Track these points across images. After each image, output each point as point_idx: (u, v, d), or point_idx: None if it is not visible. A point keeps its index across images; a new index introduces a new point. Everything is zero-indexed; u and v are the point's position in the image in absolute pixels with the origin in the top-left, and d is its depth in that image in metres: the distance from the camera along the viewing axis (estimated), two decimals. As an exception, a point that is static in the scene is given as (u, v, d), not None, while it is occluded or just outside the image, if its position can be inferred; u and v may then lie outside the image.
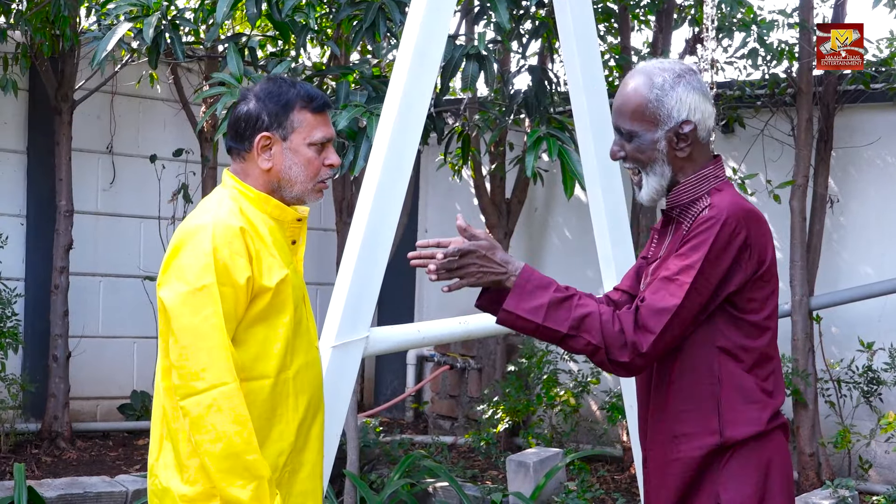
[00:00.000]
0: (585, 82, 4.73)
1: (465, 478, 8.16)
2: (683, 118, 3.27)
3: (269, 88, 3.44)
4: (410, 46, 4.27)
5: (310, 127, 3.42)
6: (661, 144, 3.29)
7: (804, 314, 8.11)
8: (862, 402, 8.23)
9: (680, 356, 3.27)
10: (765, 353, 3.31)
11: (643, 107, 3.28)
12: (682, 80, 3.29)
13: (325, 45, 8.56)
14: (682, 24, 9.33)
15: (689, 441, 3.27)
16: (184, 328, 3.19)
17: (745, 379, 3.26)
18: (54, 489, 6.87)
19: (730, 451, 3.24)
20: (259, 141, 3.39)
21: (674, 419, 3.30)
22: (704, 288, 3.16)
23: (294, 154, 3.41)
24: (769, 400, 3.30)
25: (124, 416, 9.56)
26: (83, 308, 9.35)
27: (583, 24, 4.74)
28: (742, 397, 3.25)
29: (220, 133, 5.74)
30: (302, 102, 3.42)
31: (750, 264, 3.24)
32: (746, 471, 3.24)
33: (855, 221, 8.68)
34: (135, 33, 6.26)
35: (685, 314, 3.16)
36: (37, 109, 9.16)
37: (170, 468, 3.29)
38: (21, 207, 9.18)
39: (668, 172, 3.32)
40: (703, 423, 3.25)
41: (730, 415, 3.24)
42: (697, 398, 3.26)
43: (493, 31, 8.18)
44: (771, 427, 3.29)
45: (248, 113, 3.41)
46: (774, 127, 8.83)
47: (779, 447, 3.34)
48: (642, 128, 3.29)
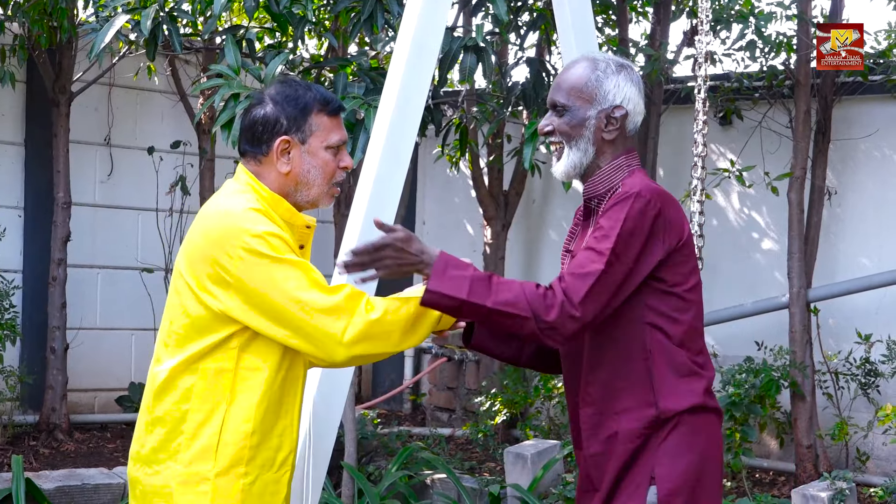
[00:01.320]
0: (583, 74, 4.72)
1: (463, 469, 8.17)
2: (617, 103, 3.43)
3: (285, 92, 3.43)
4: (408, 38, 4.27)
5: (327, 130, 3.42)
6: (592, 122, 3.43)
7: (802, 306, 8.11)
8: (859, 394, 8.23)
9: (611, 334, 3.34)
10: (693, 326, 3.39)
11: (582, 84, 3.44)
12: (624, 71, 3.46)
13: (322, 36, 8.55)
14: (681, 15, 9.32)
15: (628, 414, 3.34)
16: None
17: (676, 353, 3.33)
18: (52, 481, 6.87)
19: (668, 425, 3.31)
20: (279, 145, 3.39)
21: (610, 397, 3.36)
22: (625, 256, 3.24)
23: (312, 157, 3.41)
24: (703, 372, 3.39)
25: (122, 408, 9.56)
26: (81, 300, 9.34)
27: (581, 16, 4.74)
28: (674, 370, 3.33)
29: (217, 125, 5.75)
30: (319, 106, 3.42)
31: (669, 236, 3.31)
32: (681, 450, 3.31)
33: (853, 213, 8.69)
34: (132, 25, 6.26)
35: (609, 280, 3.23)
36: (34, 101, 9.15)
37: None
38: (19, 199, 9.17)
39: (591, 151, 3.45)
40: (639, 397, 3.33)
41: (664, 388, 3.32)
42: (631, 374, 3.33)
43: (490, 23, 8.19)
44: (708, 404, 3.37)
45: (266, 116, 3.40)
46: (772, 119, 8.82)
47: (714, 431, 3.42)
48: (577, 104, 3.43)
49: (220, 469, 3.27)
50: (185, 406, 3.30)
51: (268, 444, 3.32)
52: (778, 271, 8.85)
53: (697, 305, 3.41)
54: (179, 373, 3.32)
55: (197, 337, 3.31)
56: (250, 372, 3.29)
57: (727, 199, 9.31)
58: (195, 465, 3.27)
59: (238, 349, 3.28)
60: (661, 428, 3.31)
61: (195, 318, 3.32)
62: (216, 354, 3.29)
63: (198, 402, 3.29)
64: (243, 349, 3.29)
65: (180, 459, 3.29)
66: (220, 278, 3.26)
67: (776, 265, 8.93)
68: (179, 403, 3.31)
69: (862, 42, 7.38)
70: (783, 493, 7.83)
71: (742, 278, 9.07)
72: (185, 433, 3.29)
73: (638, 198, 3.27)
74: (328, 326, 3.19)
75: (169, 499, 3.29)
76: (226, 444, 3.27)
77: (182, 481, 3.28)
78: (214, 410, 3.28)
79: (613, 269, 3.22)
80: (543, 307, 3.20)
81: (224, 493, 3.27)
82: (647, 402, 3.32)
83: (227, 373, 3.29)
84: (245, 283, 3.22)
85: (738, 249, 9.18)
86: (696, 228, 4.02)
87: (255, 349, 3.29)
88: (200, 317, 3.30)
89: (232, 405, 3.28)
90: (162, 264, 9.42)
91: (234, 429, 3.27)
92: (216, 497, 3.26)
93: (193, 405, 3.30)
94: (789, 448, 8.34)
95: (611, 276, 3.22)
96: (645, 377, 3.32)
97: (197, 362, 3.31)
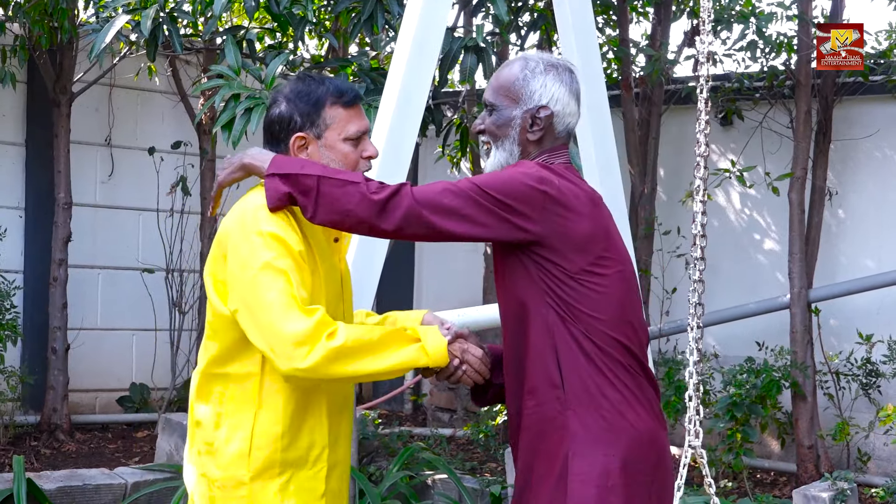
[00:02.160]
0: (584, 74, 4.72)
1: (464, 470, 8.17)
2: (543, 103, 3.40)
3: (298, 88, 3.43)
4: (409, 39, 4.28)
5: (343, 122, 3.40)
6: (517, 122, 3.41)
7: (803, 306, 8.11)
8: (861, 395, 8.23)
9: (526, 316, 3.31)
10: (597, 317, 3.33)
11: (510, 83, 3.42)
12: (554, 71, 3.43)
13: (323, 37, 8.56)
14: (681, 15, 9.33)
15: (538, 395, 3.31)
16: None
17: (582, 339, 3.29)
18: (53, 481, 6.86)
19: (576, 407, 3.27)
20: (294, 142, 3.39)
21: (525, 376, 3.35)
22: (486, 201, 3.20)
23: (330, 151, 3.39)
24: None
25: (123, 408, 9.56)
26: (82, 300, 9.34)
27: (581, 16, 4.74)
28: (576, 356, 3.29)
29: (218, 125, 5.75)
30: (332, 98, 3.40)
31: (561, 220, 3.27)
32: (595, 442, 3.25)
33: (854, 214, 8.69)
34: (133, 26, 6.27)
35: (459, 201, 3.20)
36: (35, 102, 9.15)
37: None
38: (20, 200, 9.18)
39: (516, 152, 3.42)
40: (547, 376, 3.29)
41: (568, 365, 3.28)
42: (541, 353, 3.30)
43: (491, 24, 8.19)
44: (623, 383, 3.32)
45: (281, 115, 3.41)
46: (773, 119, 8.82)
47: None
48: (504, 103, 3.42)
49: (255, 473, 3.28)
50: (219, 409, 3.33)
51: (298, 443, 3.32)
52: (779, 271, 8.85)
53: (609, 296, 3.34)
54: (210, 378, 3.35)
55: (221, 338, 3.33)
56: (276, 375, 3.27)
57: (728, 199, 9.31)
58: (231, 469, 3.29)
59: (260, 351, 3.26)
60: (567, 408, 3.28)
61: (216, 317, 3.34)
62: (241, 358, 3.31)
63: (230, 406, 3.32)
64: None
65: (217, 463, 3.31)
66: (222, 277, 3.28)
67: (777, 265, 8.93)
68: (214, 407, 3.34)
69: (862, 42, 7.38)
70: (784, 494, 7.83)
71: (743, 279, 9.07)
72: (219, 437, 3.32)
73: (530, 168, 3.29)
74: (291, 349, 3.14)
75: (212, 502, 3.32)
76: (258, 448, 3.28)
77: (221, 486, 3.31)
78: (245, 415, 3.29)
79: (468, 200, 3.20)
80: (377, 183, 3.22)
81: (261, 496, 3.28)
82: (554, 382, 3.28)
83: (254, 376, 3.30)
84: (236, 282, 3.23)
85: (738, 250, 9.18)
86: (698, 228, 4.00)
87: None
88: (220, 317, 3.32)
89: (261, 409, 3.29)
90: (163, 265, 9.41)
91: (265, 432, 3.28)
92: (254, 501, 3.28)
93: (226, 409, 3.32)
94: (790, 448, 8.34)
95: (462, 201, 3.21)
96: (552, 357, 3.28)
97: (224, 366, 3.33)
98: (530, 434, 3.34)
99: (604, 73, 5.08)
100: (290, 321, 3.12)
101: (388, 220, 3.20)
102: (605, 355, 3.29)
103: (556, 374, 3.28)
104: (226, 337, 3.31)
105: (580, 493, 3.21)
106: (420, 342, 3.29)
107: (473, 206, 3.21)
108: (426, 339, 3.30)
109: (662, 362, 8.33)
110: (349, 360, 3.17)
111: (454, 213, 3.21)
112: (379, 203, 3.19)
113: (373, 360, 3.21)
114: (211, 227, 9.30)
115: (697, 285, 3.99)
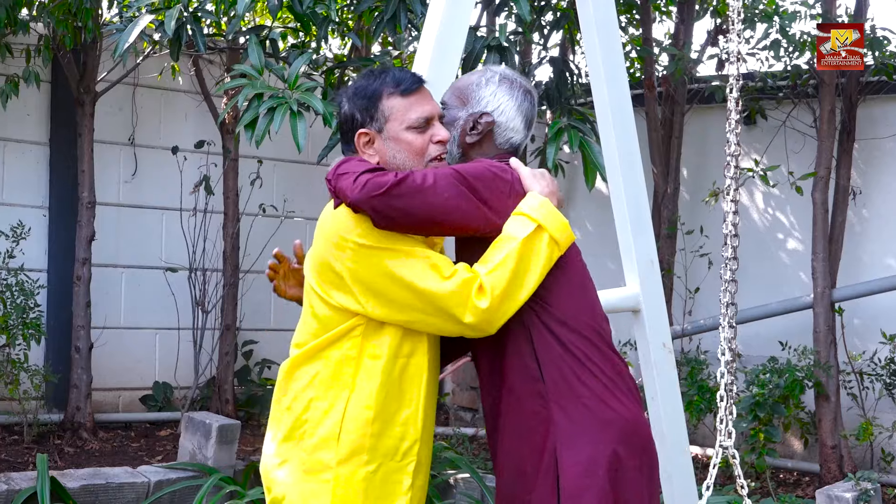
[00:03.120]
0: (607, 74, 4.72)
1: (487, 469, 8.16)
2: (486, 110, 3.47)
3: (357, 85, 3.46)
4: (431, 38, 4.27)
5: (402, 111, 3.39)
6: (459, 124, 3.48)
7: (826, 306, 8.09)
8: (884, 395, 8.20)
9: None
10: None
11: (465, 87, 3.52)
12: (507, 84, 3.51)
13: (346, 36, 8.56)
14: (704, 15, 9.31)
15: (516, 391, 3.31)
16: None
17: (557, 329, 3.30)
18: (77, 480, 6.89)
19: (558, 402, 3.26)
20: (359, 139, 3.41)
21: (503, 374, 3.34)
22: (464, 185, 3.21)
23: (395, 142, 3.39)
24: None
25: (146, 407, 9.59)
26: (105, 299, 9.38)
27: (604, 15, 4.73)
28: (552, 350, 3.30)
29: (241, 125, 5.76)
30: (389, 89, 3.41)
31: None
32: (583, 435, 3.25)
33: (878, 213, 8.65)
34: (156, 25, 6.28)
35: (435, 188, 3.18)
36: (59, 101, 9.19)
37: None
38: (44, 199, 9.21)
39: (456, 153, 3.49)
40: (525, 371, 3.29)
41: (545, 357, 3.29)
42: (518, 348, 3.30)
43: (514, 23, 8.18)
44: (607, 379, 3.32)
45: (345, 115, 3.45)
46: (796, 118, 8.80)
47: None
48: (454, 103, 3.52)
49: (342, 457, 3.27)
50: (310, 393, 3.33)
51: (389, 432, 3.31)
52: (802, 271, 8.83)
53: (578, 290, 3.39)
54: (304, 361, 3.35)
55: (322, 330, 3.34)
56: (372, 360, 3.29)
57: (751, 198, 9.29)
58: (318, 452, 3.29)
59: (362, 336, 3.29)
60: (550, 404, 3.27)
61: (322, 317, 3.34)
62: (341, 343, 3.31)
63: (322, 389, 3.31)
64: (367, 337, 3.30)
65: (304, 447, 3.31)
66: (338, 276, 3.29)
67: (800, 265, 8.90)
68: (304, 391, 3.34)
69: (862, 42, 7.36)
70: (807, 494, 7.80)
71: (766, 278, 9.04)
72: (310, 421, 3.31)
73: (495, 167, 3.31)
74: (450, 311, 3.21)
75: (292, 487, 3.31)
76: (348, 432, 3.27)
77: (305, 469, 3.30)
78: (337, 398, 3.29)
79: (442, 186, 3.19)
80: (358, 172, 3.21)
81: (346, 482, 3.26)
82: (534, 377, 3.28)
83: (351, 360, 3.30)
84: (361, 277, 3.25)
85: (762, 249, 9.16)
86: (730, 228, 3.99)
87: (377, 336, 3.30)
88: (326, 316, 3.33)
89: (354, 392, 3.29)
90: (186, 264, 9.44)
91: (356, 416, 3.28)
92: (338, 485, 3.26)
93: (318, 393, 3.32)
94: (814, 448, 8.32)
95: (437, 188, 3.20)
96: (531, 356, 3.28)
97: (322, 351, 3.33)
98: (513, 434, 3.33)
99: (627, 72, 5.07)
100: (433, 286, 3.21)
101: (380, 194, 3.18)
102: (582, 342, 3.31)
103: (535, 367, 3.28)
104: (332, 327, 3.32)
105: (573, 485, 3.20)
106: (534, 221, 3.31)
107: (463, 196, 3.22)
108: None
109: (685, 362, 8.31)
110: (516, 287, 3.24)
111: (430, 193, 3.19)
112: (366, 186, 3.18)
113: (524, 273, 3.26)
114: (234, 227, 9.32)
115: (730, 285, 3.98)
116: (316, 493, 3.28)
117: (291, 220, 10.03)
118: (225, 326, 9.41)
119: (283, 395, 3.40)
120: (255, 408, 9.63)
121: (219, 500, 6.86)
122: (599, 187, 8.43)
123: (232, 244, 9.41)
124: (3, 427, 8.61)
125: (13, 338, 8.18)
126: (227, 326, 9.39)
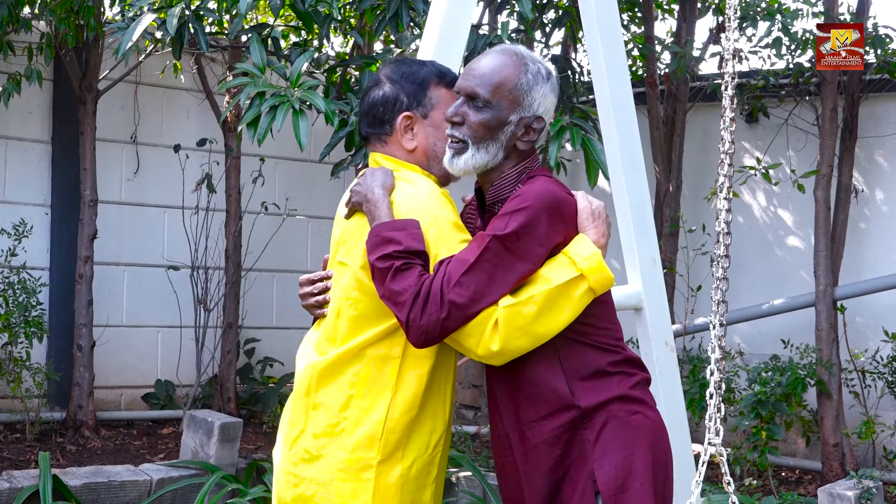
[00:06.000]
0: (609, 72, 4.72)
1: (489, 467, 8.17)
2: (539, 114, 3.30)
3: (401, 69, 3.47)
4: (434, 36, 4.27)
5: (447, 102, 3.41)
6: (510, 128, 3.28)
7: (828, 304, 8.09)
8: (886, 393, 8.20)
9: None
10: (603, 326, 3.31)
11: (511, 84, 3.28)
12: (551, 80, 3.34)
13: (348, 34, 8.57)
14: (707, 13, 9.31)
15: (549, 421, 3.23)
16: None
17: (586, 352, 3.25)
18: (79, 478, 6.90)
19: (591, 420, 3.21)
20: (401, 121, 3.41)
21: (526, 406, 3.26)
22: (507, 254, 3.12)
23: (437, 130, 3.41)
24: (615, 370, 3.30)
25: (148, 405, 9.59)
26: (107, 297, 9.38)
27: (606, 13, 4.72)
28: (587, 368, 3.24)
29: (243, 123, 5.76)
30: (437, 79, 3.45)
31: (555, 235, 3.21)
32: (614, 445, 3.20)
33: (880, 211, 8.65)
34: (159, 23, 6.28)
35: (487, 269, 3.11)
36: (61, 99, 9.19)
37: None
38: (45, 197, 9.22)
39: (500, 156, 3.31)
40: (557, 400, 3.21)
41: (578, 386, 3.22)
42: (545, 371, 3.22)
43: (516, 21, 8.18)
44: (635, 386, 3.30)
45: (385, 96, 3.43)
46: (798, 116, 8.79)
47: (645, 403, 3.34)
48: (502, 104, 3.27)
49: (384, 456, 3.27)
50: (350, 391, 3.30)
51: (422, 426, 3.32)
52: (804, 269, 8.82)
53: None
54: (346, 360, 3.32)
55: (366, 327, 3.31)
56: (417, 360, 3.29)
57: (753, 196, 9.28)
58: (358, 451, 3.27)
59: (405, 336, 3.24)
60: (586, 423, 3.21)
61: (363, 310, 3.32)
62: (384, 342, 3.30)
63: (363, 388, 3.29)
64: None
65: (343, 445, 3.29)
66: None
67: (802, 263, 8.90)
68: (344, 389, 3.31)
69: (862, 42, 7.37)
70: (809, 492, 7.80)
71: (768, 276, 9.04)
72: (349, 419, 3.29)
73: (529, 209, 3.16)
74: (462, 343, 3.18)
75: (330, 486, 3.29)
76: (390, 433, 3.26)
77: (344, 468, 3.28)
78: (380, 398, 3.28)
79: (488, 263, 3.13)
80: (418, 295, 3.11)
81: (385, 480, 3.27)
82: (566, 404, 3.21)
83: (394, 360, 3.29)
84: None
85: (764, 247, 9.15)
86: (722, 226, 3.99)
87: None
88: (369, 308, 3.30)
89: (397, 394, 3.28)
90: (188, 262, 9.44)
91: (399, 418, 3.27)
92: (379, 483, 3.26)
93: (359, 391, 3.30)
94: (816, 446, 8.31)
95: (486, 266, 3.13)
96: (560, 379, 3.22)
97: (364, 349, 3.31)
98: (547, 458, 3.24)
99: (629, 70, 5.06)
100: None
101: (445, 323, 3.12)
102: (609, 353, 3.27)
103: (565, 388, 3.21)
104: (375, 324, 3.30)
105: (613, 501, 3.16)
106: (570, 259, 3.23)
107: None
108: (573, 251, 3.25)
109: (687, 360, 8.31)
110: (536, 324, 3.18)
111: (484, 276, 3.14)
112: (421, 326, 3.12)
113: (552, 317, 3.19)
114: (236, 225, 9.33)
115: (721, 283, 3.97)
116: (356, 491, 3.28)
117: (293, 218, 10.04)
118: (227, 324, 9.41)
119: (319, 391, 3.35)
120: (256, 406, 9.64)
121: (221, 499, 6.87)
122: (602, 185, 8.43)
123: (234, 242, 9.41)
124: (5, 425, 8.61)
125: (15, 336, 8.18)
126: (229, 324, 9.40)
